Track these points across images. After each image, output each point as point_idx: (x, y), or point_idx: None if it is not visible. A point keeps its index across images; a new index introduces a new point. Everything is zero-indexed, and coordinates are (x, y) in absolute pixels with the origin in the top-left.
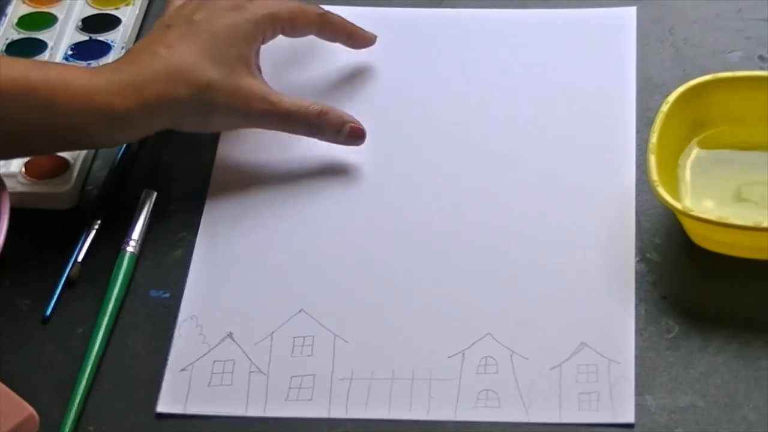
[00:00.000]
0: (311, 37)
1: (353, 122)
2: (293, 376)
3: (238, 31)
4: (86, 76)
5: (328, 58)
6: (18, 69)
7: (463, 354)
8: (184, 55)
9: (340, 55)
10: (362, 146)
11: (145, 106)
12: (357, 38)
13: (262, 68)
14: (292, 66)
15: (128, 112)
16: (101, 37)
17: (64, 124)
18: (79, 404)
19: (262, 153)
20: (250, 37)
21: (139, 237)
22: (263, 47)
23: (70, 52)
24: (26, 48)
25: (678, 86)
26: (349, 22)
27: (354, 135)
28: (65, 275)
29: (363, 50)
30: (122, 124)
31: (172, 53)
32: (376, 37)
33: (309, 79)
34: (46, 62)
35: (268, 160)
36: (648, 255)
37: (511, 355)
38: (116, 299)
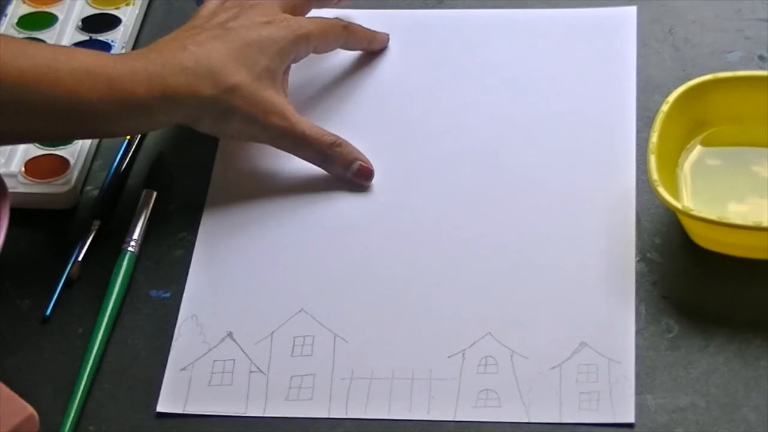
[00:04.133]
0: None
1: (363, 161)
2: (293, 376)
3: (271, 44)
4: (110, 62)
5: (328, 60)
6: (44, 56)
7: (463, 354)
8: (214, 55)
9: (341, 56)
10: (362, 146)
11: (167, 97)
12: (376, 42)
13: None
14: (294, 69)
15: (150, 101)
16: (101, 37)
17: (87, 112)
18: (79, 404)
19: (262, 153)
20: (283, 52)
21: (139, 237)
22: None
23: None
24: None
25: (678, 86)
26: (366, 28)
27: (362, 174)
28: (65, 275)
29: (363, 50)
30: (143, 113)
31: (202, 51)
32: (388, 35)
33: (310, 81)
34: (71, 48)
35: (269, 160)
36: (648, 255)
37: (511, 355)
38: (116, 299)
